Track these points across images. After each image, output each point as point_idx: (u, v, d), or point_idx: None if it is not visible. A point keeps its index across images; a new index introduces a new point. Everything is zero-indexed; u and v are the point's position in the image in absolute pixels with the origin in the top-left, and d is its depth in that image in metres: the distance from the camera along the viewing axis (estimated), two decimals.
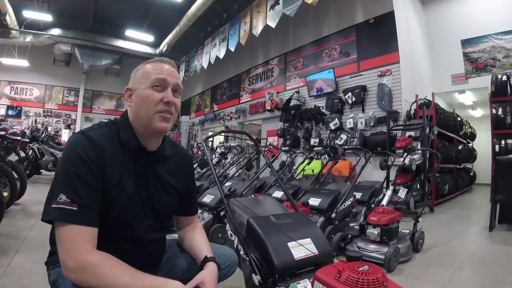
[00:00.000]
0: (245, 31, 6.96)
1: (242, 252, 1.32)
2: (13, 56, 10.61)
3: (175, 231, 1.16)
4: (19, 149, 5.31)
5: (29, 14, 8.61)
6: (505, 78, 4.55)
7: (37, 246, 2.22)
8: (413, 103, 4.98)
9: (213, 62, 8.55)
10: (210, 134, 4.79)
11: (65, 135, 10.53)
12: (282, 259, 1.19)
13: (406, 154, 3.54)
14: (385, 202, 2.58)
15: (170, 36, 9.65)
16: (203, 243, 1.05)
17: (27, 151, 5.82)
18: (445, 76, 6.37)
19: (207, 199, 3.05)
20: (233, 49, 7.46)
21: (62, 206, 0.76)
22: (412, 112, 4.97)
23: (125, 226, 0.89)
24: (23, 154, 5.60)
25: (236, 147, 5.48)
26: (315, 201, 2.83)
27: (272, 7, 6.01)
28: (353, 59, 5.94)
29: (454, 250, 2.62)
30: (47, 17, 8.86)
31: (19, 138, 4.95)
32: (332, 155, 4.21)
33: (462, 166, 6.66)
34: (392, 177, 3.61)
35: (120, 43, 11.11)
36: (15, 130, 5.34)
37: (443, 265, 2.22)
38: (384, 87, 5.23)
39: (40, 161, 5.98)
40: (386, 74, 5.29)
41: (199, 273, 0.91)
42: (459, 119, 6.37)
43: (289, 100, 6.84)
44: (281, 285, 1.16)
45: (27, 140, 5.64)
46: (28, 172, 5.69)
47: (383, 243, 2.21)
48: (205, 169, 5.03)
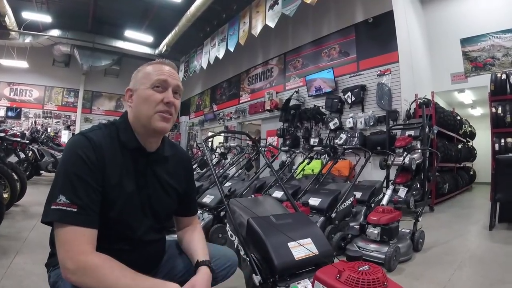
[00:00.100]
0: (244, 31, 6.95)
1: (242, 252, 1.32)
2: (12, 57, 10.60)
3: (175, 231, 1.16)
4: (19, 151, 5.30)
5: (28, 15, 8.59)
6: (504, 76, 4.54)
7: (37, 247, 2.22)
8: (412, 102, 4.98)
9: (212, 62, 8.54)
10: (209, 134, 4.79)
11: (65, 136, 10.51)
12: (282, 259, 1.19)
13: (406, 153, 3.55)
14: (385, 201, 2.58)
15: (169, 36, 9.64)
16: (198, 246, 1.04)
17: (27, 152, 5.83)
18: (445, 75, 6.37)
19: (207, 199, 3.05)
20: (232, 49, 7.45)
21: (61, 207, 0.76)
22: (411, 111, 4.97)
23: (125, 227, 0.89)
24: (23, 155, 5.61)
25: (236, 147, 5.49)
26: (315, 201, 2.83)
27: (271, 7, 6.01)
28: (353, 58, 5.94)
29: (454, 249, 2.62)
30: (46, 18, 8.86)
31: (18, 139, 4.94)
32: (332, 154, 4.22)
33: (462, 165, 6.66)
34: (392, 177, 3.62)
35: (119, 44, 11.09)
36: (14, 131, 5.34)
37: (443, 265, 2.22)
38: (383, 87, 5.23)
39: (40, 162, 5.98)
40: (385, 73, 5.29)
41: (191, 278, 0.90)
42: (459, 118, 6.37)
43: (289, 100, 6.84)
44: (282, 285, 1.16)
45: (27, 141, 5.65)
46: (28, 173, 5.69)
47: (383, 243, 2.21)
48: (205, 170, 5.03)
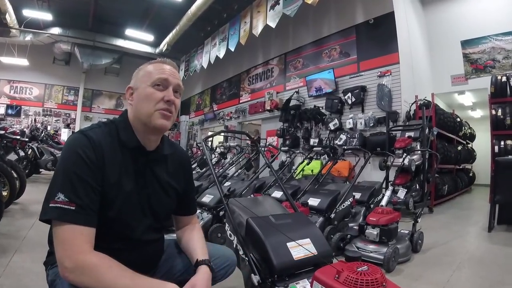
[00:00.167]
0: (245, 31, 6.95)
1: (241, 252, 1.32)
2: (13, 55, 10.59)
3: (174, 231, 1.15)
4: (18, 148, 5.30)
5: (29, 13, 8.59)
6: (504, 79, 4.54)
7: (36, 245, 2.21)
8: (412, 104, 4.98)
9: (213, 61, 8.54)
10: (209, 134, 4.79)
11: (65, 134, 10.51)
12: (281, 259, 1.19)
13: (405, 154, 3.54)
14: (384, 202, 2.58)
15: (170, 35, 9.64)
16: (198, 245, 1.04)
17: (27, 150, 5.81)
18: (445, 77, 6.37)
19: (207, 199, 3.04)
20: (233, 49, 7.45)
21: (60, 205, 0.76)
22: (411, 112, 4.97)
23: (123, 226, 0.89)
24: (22, 153, 5.59)
25: (235, 147, 5.49)
26: (314, 201, 2.83)
27: (272, 7, 6.01)
28: (353, 59, 5.94)
29: (453, 250, 2.62)
30: (47, 16, 8.85)
31: (18, 137, 4.94)
32: (331, 155, 4.22)
33: (461, 166, 6.67)
34: (391, 178, 3.61)
35: (120, 43, 11.09)
36: (14, 129, 5.33)
37: (442, 266, 2.22)
38: (383, 88, 5.23)
39: (39, 160, 5.96)
40: (386, 74, 5.29)
41: (191, 278, 0.90)
42: (459, 120, 6.38)
43: (289, 100, 6.84)
44: (280, 285, 1.16)
45: (27, 139, 5.63)
46: (27, 171, 5.68)
47: (382, 244, 2.21)
48: (205, 169, 5.03)
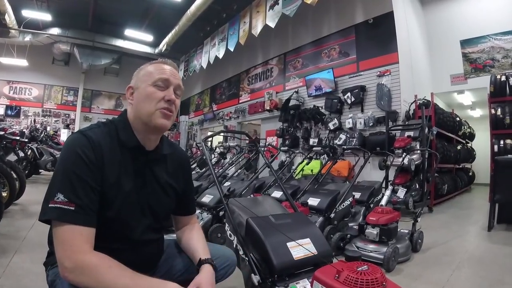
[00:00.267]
0: (245, 31, 6.95)
1: (241, 252, 1.32)
2: (12, 55, 10.58)
3: (174, 231, 1.15)
4: (18, 149, 5.29)
5: (28, 13, 8.57)
6: (504, 78, 4.54)
7: (36, 246, 2.21)
8: (412, 103, 4.99)
9: (212, 62, 8.53)
10: (209, 134, 4.79)
11: (64, 135, 10.47)
12: (281, 259, 1.19)
13: (405, 154, 3.54)
14: (384, 202, 2.58)
15: (169, 35, 9.63)
16: (199, 244, 1.04)
17: (26, 151, 5.81)
18: (444, 76, 6.38)
19: (206, 199, 3.04)
20: (232, 49, 7.45)
21: (59, 205, 0.76)
22: (411, 112, 4.98)
23: (123, 226, 0.89)
24: (22, 154, 5.58)
25: (235, 147, 5.48)
26: (314, 201, 2.83)
27: (271, 7, 6.00)
28: (353, 59, 5.94)
29: (452, 250, 2.62)
30: (46, 17, 8.83)
31: (18, 138, 4.93)
32: (331, 155, 4.22)
33: (461, 166, 6.67)
34: (391, 177, 3.61)
35: (119, 43, 11.08)
36: (14, 130, 5.32)
37: (442, 265, 2.22)
38: (383, 87, 5.23)
39: (39, 161, 5.96)
40: (385, 74, 5.29)
41: (195, 277, 0.90)
42: (458, 119, 6.38)
43: (288, 100, 6.84)
44: (280, 285, 1.16)
45: (26, 140, 5.63)
46: (27, 172, 5.68)
47: (382, 243, 2.21)
48: (204, 169, 5.03)
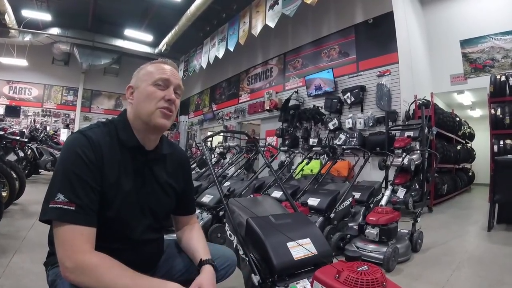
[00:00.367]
0: (244, 31, 6.95)
1: (241, 252, 1.32)
2: (12, 55, 10.58)
3: (174, 231, 1.15)
4: (17, 149, 5.28)
5: (28, 13, 8.57)
6: (504, 78, 4.54)
7: (36, 246, 2.21)
8: (412, 103, 4.99)
9: (212, 62, 8.53)
10: (209, 134, 4.79)
11: (64, 135, 10.47)
12: (281, 259, 1.19)
13: (405, 154, 3.54)
14: (384, 202, 2.58)
15: (169, 35, 9.63)
16: (199, 244, 1.04)
17: (26, 150, 5.80)
18: (444, 76, 6.38)
19: (206, 199, 3.04)
20: (232, 49, 7.45)
21: (60, 205, 0.76)
22: (411, 112, 4.98)
23: (123, 226, 0.89)
24: (21, 153, 5.58)
25: (235, 147, 5.48)
26: (314, 201, 2.83)
27: (271, 7, 6.01)
28: (352, 59, 5.94)
29: (452, 250, 2.62)
30: (46, 17, 8.83)
31: (17, 137, 4.93)
32: (331, 155, 4.22)
33: (460, 166, 6.67)
34: (391, 177, 3.61)
35: (119, 43, 11.07)
36: (13, 129, 5.32)
37: (442, 265, 2.22)
38: (383, 87, 5.23)
39: (39, 160, 5.96)
40: (385, 74, 5.29)
41: (196, 278, 0.90)
42: (458, 119, 6.38)
43: (288, 100, 6.84)
44: (280, 285, 1.16)
45: (26, 139, 5.63)
46: (27, 172, 5.67)
47: (382, 243, 2.21)
48: (204, 169, 5.02)
